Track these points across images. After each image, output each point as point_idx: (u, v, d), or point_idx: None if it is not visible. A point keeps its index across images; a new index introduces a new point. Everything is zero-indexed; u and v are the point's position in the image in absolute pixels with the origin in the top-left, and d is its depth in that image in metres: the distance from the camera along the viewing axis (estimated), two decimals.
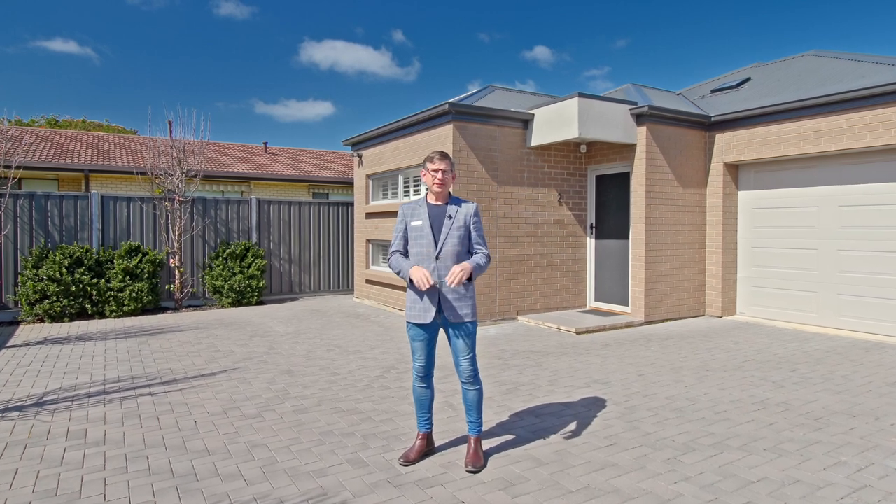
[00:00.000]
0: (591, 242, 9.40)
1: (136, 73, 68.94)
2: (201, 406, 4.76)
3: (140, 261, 9.56)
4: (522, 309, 8.72)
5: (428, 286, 3.37)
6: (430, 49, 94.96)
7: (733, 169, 8.88)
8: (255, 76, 79.51)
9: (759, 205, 8.66)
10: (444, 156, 3.58)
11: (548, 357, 6.45)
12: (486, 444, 3.87)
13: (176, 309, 10.04)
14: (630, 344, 7.11)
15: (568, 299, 9.22)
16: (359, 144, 11.23)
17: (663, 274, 8.50)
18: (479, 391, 3.63)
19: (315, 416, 4.50)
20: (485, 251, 3.64)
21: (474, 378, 3.60)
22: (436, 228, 3.57)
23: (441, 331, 3.70)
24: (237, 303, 10.43)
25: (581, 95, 7.76)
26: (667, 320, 8.58)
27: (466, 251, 3.64)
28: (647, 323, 8.34)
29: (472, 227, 3.62)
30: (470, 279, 3.52)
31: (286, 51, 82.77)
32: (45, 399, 4.97)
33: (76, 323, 8.84)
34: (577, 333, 7.68)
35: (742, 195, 8.89)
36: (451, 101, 7.91)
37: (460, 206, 3.64)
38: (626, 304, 8.83)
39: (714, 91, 10.51)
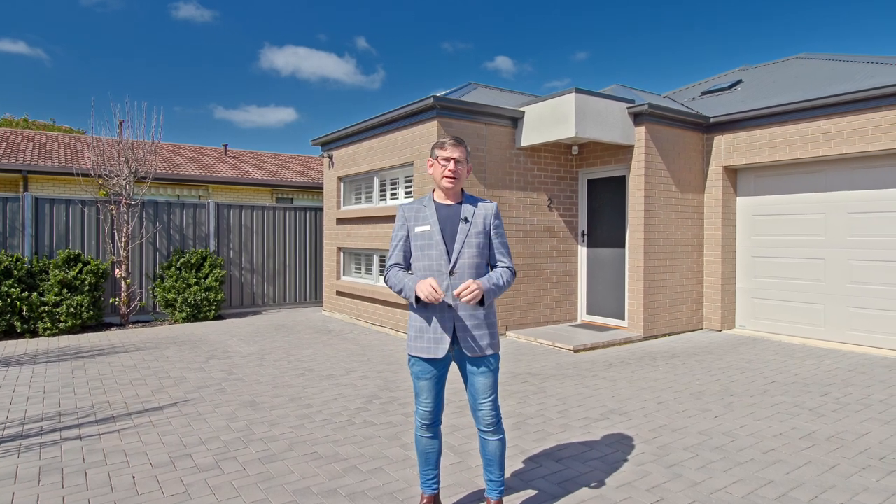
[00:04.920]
0: (582, 251, 8.76)
1: (89, 75, 66.03)
2: (143, 454, 3.84)
3: (80, 271, 8.45)
4: (511, 324, 7.99)
5: (440, 296, 2.58)
6: (394, 57, 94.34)
7: (732, 173, 8.38)
8: (214, 81, 77.22)
9: (759, 211, 8.17)
10: (458, 142, 2.81)
11: (550, 381, 5.72)
12: None
13: (122, 325, 8.94)
14: (635, 363, 6.45)
15: (558, 312, 8.53)
16: (329, 144, 10.36)
17: (662, 285, 7.90)
18: (503, 441, 2.86)
19: (286, 466, 3.64)
20: (508, 264, 2.88)
21: (497, 425, 2.82)
22: (448, 235, 2.79)
23: (453, 366, 2.93)
24: (192, 317, 9.38)
25: (578, 91, 7.11)
26: (666, 335, 7.98)
27: (486, 264, 2.87)
28: (646, 338, 7.71)
29: (492, 232, 2.86)
30: (482, 303, 2.73)
31: (246, 56, 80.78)
32: None
33: (2, 343, 7.68)
34: (575, 351, 6.98)
35: (741, 201, 8.39)
36: (435, 94, 7.15)
37: (477, 206, 2.87)
38: (622, 318, 8.20)
39: (705, 93, 10.06)
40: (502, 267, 2.86)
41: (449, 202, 2.86)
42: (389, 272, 2.87)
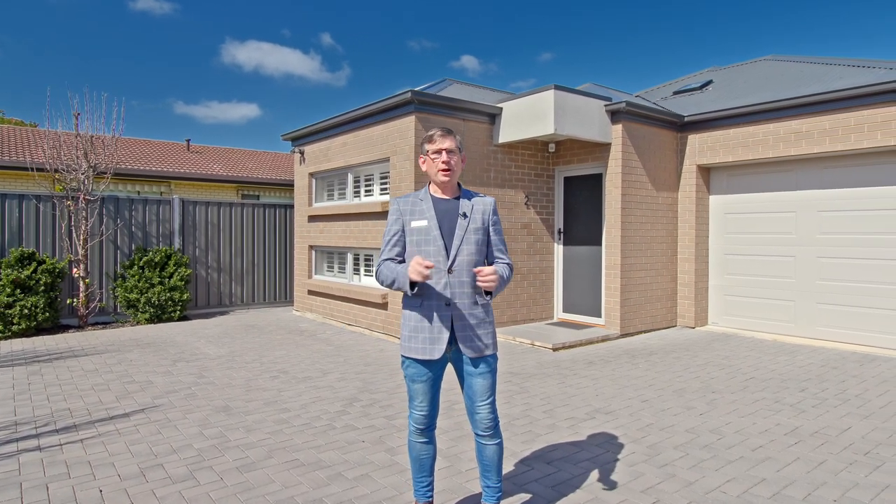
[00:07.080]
0: (558, 249, 8.73)
1: (41, 67, 63.41)
2: (110, 465, 3.59)
3: (35, 270, 7.99)
4: None
5: (430, 265, 2.43)
6: (360, 55, 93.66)
7: (705, 172, 8.48)
8: (173, 75, 75.15)
9: (731, 210, 8.29)
10: (447, 131, 2.68)
11: (532, 380, 5.64)
12: None
13: (80, 327, 8.50)
14: (614, 361, 6.44)
15: (535, 311, 8.49)
16: (300, 139, 10.08)
17: (638, 283, 7.93)
18: (501, 445, 2.74)
19: (267, 475, 3.45)
20: (507, 261, 2.77)
21: (495, 429, 2.71)
22: (446, 231, 2.66)
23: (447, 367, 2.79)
24: (156, 318, 9.00)
25: (557, 88, 7.06)
26: (641, 332, 8.01)
27: (484, 261, 2.75)
28: (622, 336, 7.73)
29: (491, 228, 2.74)
30: (490, 294, 2.64)
31: (207, 50, 78.88)
32: None
33: None
34: (555, 350, 6.94)
35: (713, 199, 8.49)
36: (413, 89, 7.00)
37: (475, 201, 2.75)
38: (598, 316, 8.20)
39: (676, 93, 10.17)
40: (501, 263, 2.74)
41: (446, 197, 2.73)
42: (381, 266, 2.71)
